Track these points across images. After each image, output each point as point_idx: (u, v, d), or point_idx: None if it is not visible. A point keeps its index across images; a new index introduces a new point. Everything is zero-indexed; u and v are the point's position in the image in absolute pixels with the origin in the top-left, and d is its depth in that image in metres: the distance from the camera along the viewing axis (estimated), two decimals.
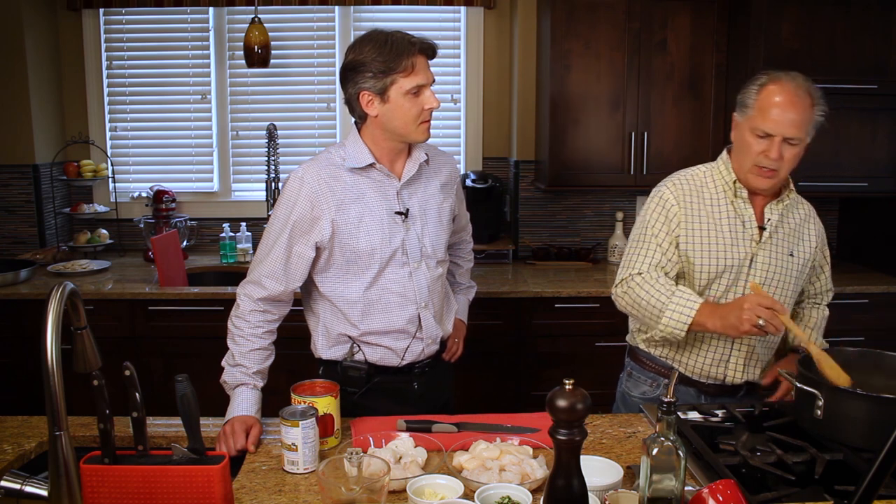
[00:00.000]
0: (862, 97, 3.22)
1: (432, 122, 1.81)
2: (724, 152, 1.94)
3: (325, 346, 1.89)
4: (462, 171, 3.83)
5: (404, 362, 1.89)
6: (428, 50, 1.76)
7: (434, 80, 1.79)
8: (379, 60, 1.70)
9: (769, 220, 1.88)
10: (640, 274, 1.86)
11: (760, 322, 1.64)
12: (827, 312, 2.11)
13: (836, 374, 1.62)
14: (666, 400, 1.20)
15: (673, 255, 1.88)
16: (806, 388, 1.58)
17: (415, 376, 1.93)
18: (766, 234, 1.87)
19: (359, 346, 1.87)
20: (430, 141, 1.88)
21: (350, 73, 1.76)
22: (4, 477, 1.26)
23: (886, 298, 3.22)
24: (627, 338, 2.08)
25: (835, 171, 3.29)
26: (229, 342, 1.81)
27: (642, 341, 1.99)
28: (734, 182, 1.88)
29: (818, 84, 3.29)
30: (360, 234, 1.79)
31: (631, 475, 1.47)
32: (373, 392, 1.89)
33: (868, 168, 3.30)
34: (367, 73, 1.72)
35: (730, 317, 1.69)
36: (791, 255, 1.90)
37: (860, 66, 3.20)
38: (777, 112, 1.75)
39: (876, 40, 3.19)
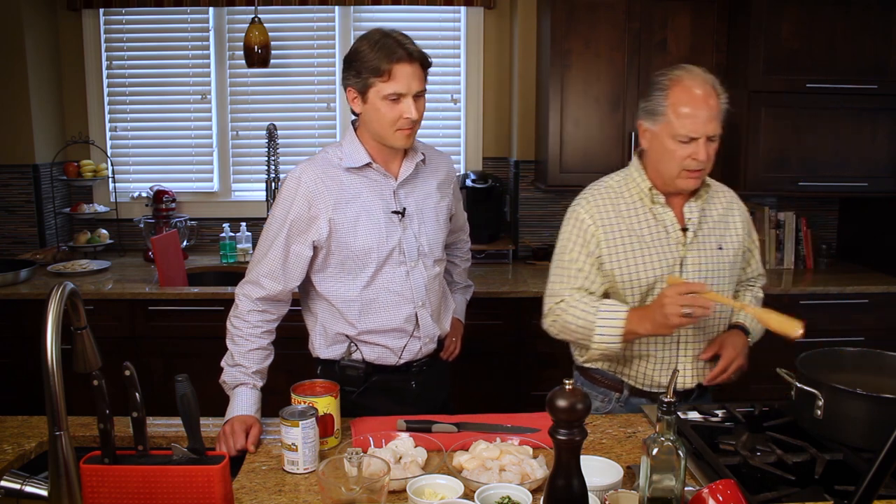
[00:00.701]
0: (862, 97, 3.23)
1: (432, 122, 1.81)
2: (636, 159, 1.90)
3: (323, 346, 1.90)
4: (462, 171, 3.83)
5: (402, 361, 1.90)
6: (419, 59, 1.74)
7: (422, 90, 1.76)
8: (364, 60, 1.71)
9: (689, 219, 1.85)
10: (565, 301, 1.85)
11: (686, 311, 1.63)
12: (761, 295, 2.08)
13: (785, 324, 1.61)
14: (666, 400, 1.20)
15: (595, 277, 1.85)
16: (806, 388, 1.58)
17: (412, 375, 1.93)
18: (689, 234, 1.84)
19: (356, 346, 1.87)
20: (430, 141, 1.89)
21: (344, 66, 1.78)
22: (4, 477, 1.26)
23: (886, 298, 3.22)
24: (575, 353, 2.01)
25: (835, 171, 3.29)
26: (228, 342, 1.81)
27: (586, 359, 1.95)
28: (650, 189, 1.84)
29: (818, 84, 3.33)
30: (357, 234, 1.79)
31: (631, 475, 1.47)
32: (371, 391, 1.89)
33: (868, 168, 3.30)
34: (352, 70, 1.74)
35: (656, 316, 1.69)
36: (720, 248, 1.88)
37: (860, 66, 3.20)
38: (694, 113, 1.71)
39: (876, 40, 3.19)
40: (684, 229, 1.85)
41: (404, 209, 1.85)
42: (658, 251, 1.83)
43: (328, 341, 1.89)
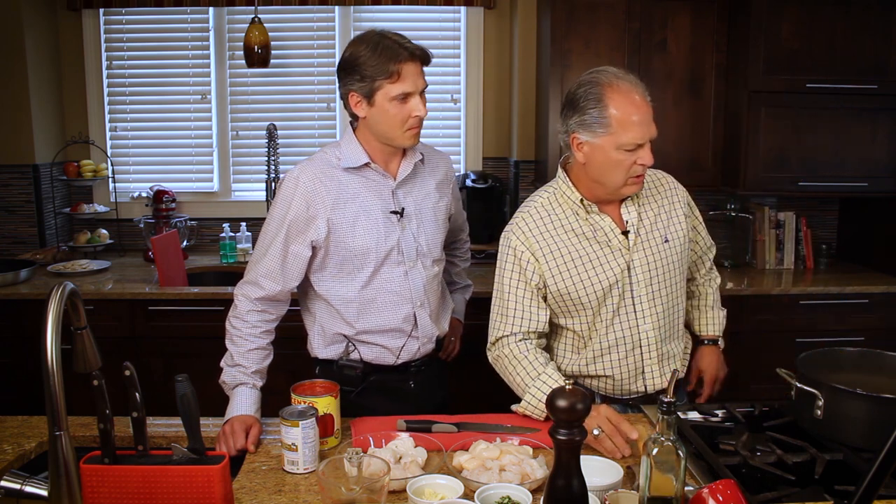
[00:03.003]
0: (862, 97, 3.22)
1: (432, 122, 1.81)
2: (561, 172, 1.84)
3: (321, 346, 1.90)
4: (462, 171, 3.83)
5: (400, 361, 1.90)
6: (421, 57, 1.74)
7: (426, 87, 1.77)
8: (368, 64, 1.70)
9: (628, 220, 1.81)
10: (508, 341, 1.80)
11: (596, 431, 1.55)
12: (718, 280, 2.09)
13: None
14: (666, 400, 1.21)
15: (537, 307, 1.80)
16: (806, 388, 1.58)
17: (411, 375, 1.93)
18: (632, 236, 1.80)
19: (354, 345, 1.88)
20: (430, 141, 1.89)
21: (342, 73, 1.77)
22: (4, 477, 1.26)
23: (886, 298, 3.22)
24: None
25: (835, 171, 3.29)
26: (227, 343, 1.81)
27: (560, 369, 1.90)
28: (581, 200, 1.79)
29: (818, 84, 3.33)
30: (356, 234, 1.80)
31: (631, 475, 1.47)
32: (369, 391, 1.89)
33: (868, 168, 3.30)
34: (356, 76, 1.73)
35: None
36: (666, 240, 1.83)
37: (860, 66, 3.20)
38: (638, 119, 1.67)
39: (876, 40, 3.19)
40: (625, 232, 1.81)
41: (403, 209, 1.85)
42: (603, 261, 1.79)
43: (326, 341, 1.89)
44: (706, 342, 2.07)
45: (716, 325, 2.07)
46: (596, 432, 1.55)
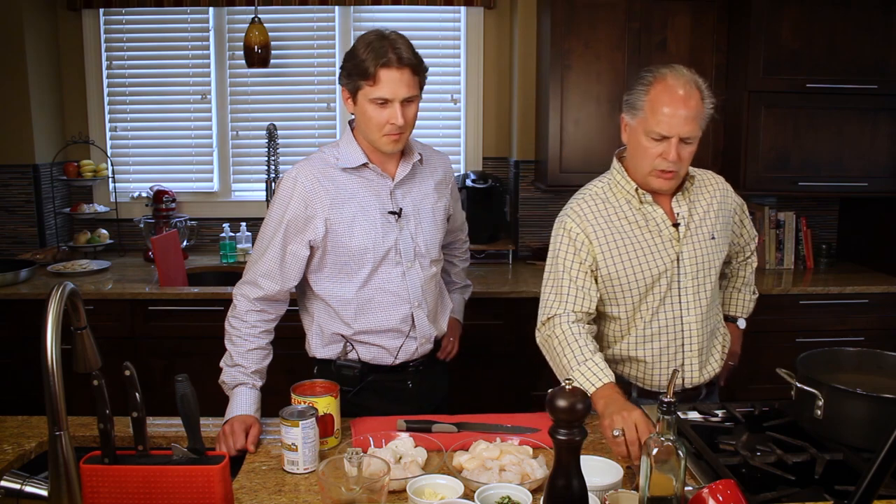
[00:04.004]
0: (862, 97, 3.22)
1: (432, 122, 1.81)
2: (615, 161, 1.90)
3: (319, 346, 1.90)
4: (462, 171, 3.83)
5: (398, 361, 1.90)
6: (409, 64, 1.71)
7: (413, 96, 1.74)
8: (355, 62, 1.71)
9: (679, 213, 1.85)
10: (560, 321, 1.78)
11: (616, 433, 1.49)
12: (754, 265, 2.13)
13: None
14: (666, 400, 1.21)
15: (591, 287, 1.82)
16: (806, 388, 1.58)
17: (409, 375, 1.93)
18: (681, 229, 1.84)
19: (352, 345, 1.88)
20: (430, 141, 1.89)
21: (341, 66, 1.78)
22: (4, 477, 1.26)
23: (886, 298, 3.22)
24: None
25: (835, 171, 3.29)
26: (227, 343, 1.81)
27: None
28: (636, 189, 1.82)
29: (818, 84, 3.33)
30: (354, 234, 1.80)
31: (631, 475, 1.47)
32: (367, 391, 1.89)
33: (868, 168, 3.29)
34: (345, 71, 1.75)
35: (608, 413, 1.56)
36: (712, 237, 1.88)
37: (860, 66, 3.20)
38: (669, 112, 1.69)
39: (876, 40, 3.19)
40: (676, 225, 1.85)
41: (401, 209, 1.85)
42: (654, 250, 1.83)
43: (324, 341, 1.89)
44: (727, 320, 2.11)
45: (738, 307, 2.13)
46: (616, 433, 1.50)
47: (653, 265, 1.82)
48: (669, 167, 1.75)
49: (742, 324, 2.14)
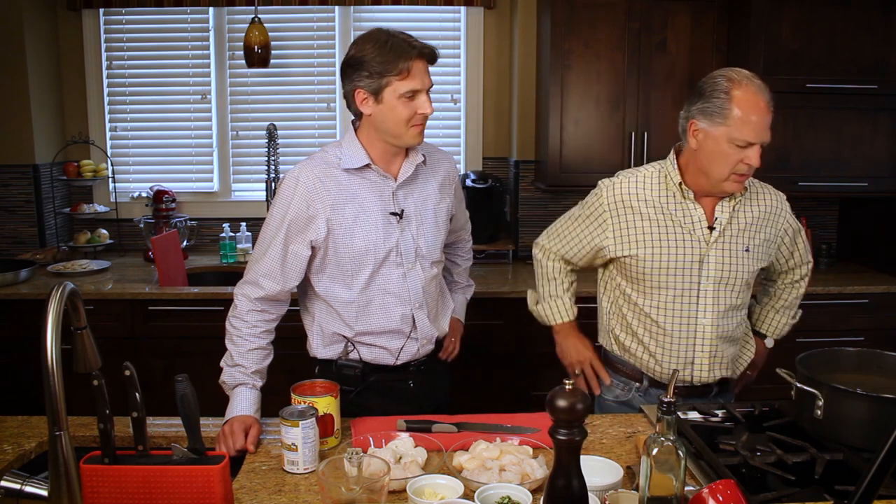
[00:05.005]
0: (862, 97, 3.22)
1: (432, 122, 1.81)
2: (672, 154, 1.91)
3: (321, 346, 1.90)
4: (462, 171, 3.83)
5: (399, 362, 1.90)
6: (428, 55, 1.75)
7: (432, 86, 1.77)
8: (377, 61, 1.70)
9: (717, 218, 1.87)
10: (549, 256, 2.08)
11: (577, 371, 2.02)
12: (801, 290, 2.13)
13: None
14: (666, 400, 1.20)
15: (582, 251, 1.99)
16: (806, 388, 1.58)
17: (410, 375, 1.93)
18: (715, 233, 1.86)
19: (353, 346, 1.88)
20: (431, 140, 1.88)
21: (348, 70, 1.76)
22: (4, 477, 1.26)
23: (886, 298, 3.22)
24: (600, 340, 2.09)
25: (835, 171, 3.29)
26: (227, 343, 1.81)
27: (617, 345, 2.01)
28: (680, 184, 1.86)
29: (818, 84, 3.32)
30: (355, 235, 1.79)
31: (631, 475, 1.47)
32: (368, 391, 1.89)
33: (868, 168, 3.29)
34: (363, 72, 1.72)
35: (569, 349, 2.07)
36: (747, 250, 1.89)
37: (860, 66, 3.20)
38: (757, 120, 1.72)
39: (876, 40, 3.19)
40: (711, 228, 1.86)
41: (402, 211, 1.84)
42: (679, 244, 1.86)
43: (325, 341, 1.89)
44: (756, 334, 2.12)
45: (771, 327, 2.13)
46: (571, 380, 1.62)
47: (672, 258, 1.85)
48: (748, 171, 1.78)
49: (770, 343, 2.13)
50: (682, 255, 1.85)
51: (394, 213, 1.83)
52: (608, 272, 2.02)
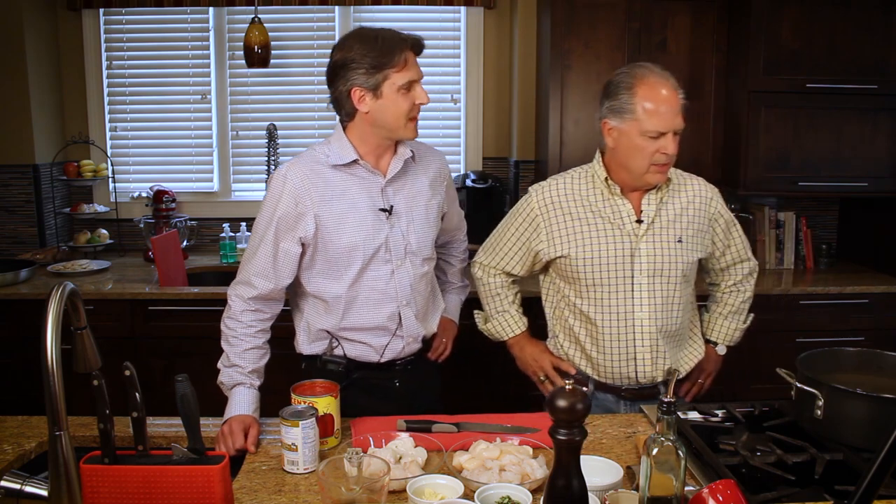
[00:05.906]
0: (862, 97, 3.22)
1: (432, 122, 1.82)
2: (598, 154, 1.95)
3: (307, 342, 1.90)
4: (462, 171, 3.83)
5: (384, 359, 1.89)
6: (416, 46, 1.77)
7: (423, 76, 1.80)
8: (371, 56, 1.71)
9: (644, 211, 1.89)
10: (486, 272, 2.09)
11: (542, 377, 2.04)
12: (746, 294, 2.11)
13: None
14: (666, 400, 1.21)
15: (521, 260, 2.02)
16: (806, 388, 1.58)
17: (396, 374, 1.93)
18: (643, 225, 1.89)
19: (337, 341, 1.87)
20: (430, 141, 1.89)
21: (340, 71, 1.76)
22: (4, 477, 1.26)
23: (886, 298, 3.21)
24: (549, 344, 2.09)
25: (835, 171, 3.29)
26: (223, 343, 1.81)
27: (562, 352, 2.03)
28: (606, 179, 1.90)
29: (818, 84, 3.33)
30: (343, 231, 1.79)
31: (631, 475, 1.47)
32: (354, 388, 1.88)
33: (868, 168, 3.29)
34: (358, 70, 1.73)
35: (527, 359, 2.08)
36: (679, 241, 1.91)
37: (860, 66, 3.20)
38: (664, 109, 1.78)
39: (876, 40, 3.19)
40: (640, 221, 1.89)
41: (391, 207, 1.84)
42: (610, 241, 1.89)
43: (311, 337, 1.90)
44: (707, 342, 2.11)
45: (720, 334, 2.11)
46: (543, 379, 2.04)
47: (605, 255, 1.88)
48: (667, 160, 1.82)
49: (722, 350, 2.11)
50: (614, 249, 1.88)
51: (383, 210, 1.83)
52: (549, 277, 2.05)
